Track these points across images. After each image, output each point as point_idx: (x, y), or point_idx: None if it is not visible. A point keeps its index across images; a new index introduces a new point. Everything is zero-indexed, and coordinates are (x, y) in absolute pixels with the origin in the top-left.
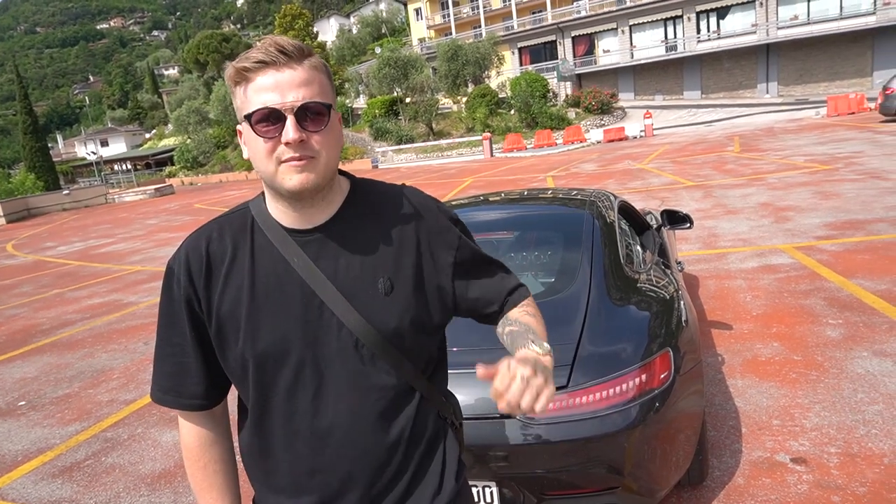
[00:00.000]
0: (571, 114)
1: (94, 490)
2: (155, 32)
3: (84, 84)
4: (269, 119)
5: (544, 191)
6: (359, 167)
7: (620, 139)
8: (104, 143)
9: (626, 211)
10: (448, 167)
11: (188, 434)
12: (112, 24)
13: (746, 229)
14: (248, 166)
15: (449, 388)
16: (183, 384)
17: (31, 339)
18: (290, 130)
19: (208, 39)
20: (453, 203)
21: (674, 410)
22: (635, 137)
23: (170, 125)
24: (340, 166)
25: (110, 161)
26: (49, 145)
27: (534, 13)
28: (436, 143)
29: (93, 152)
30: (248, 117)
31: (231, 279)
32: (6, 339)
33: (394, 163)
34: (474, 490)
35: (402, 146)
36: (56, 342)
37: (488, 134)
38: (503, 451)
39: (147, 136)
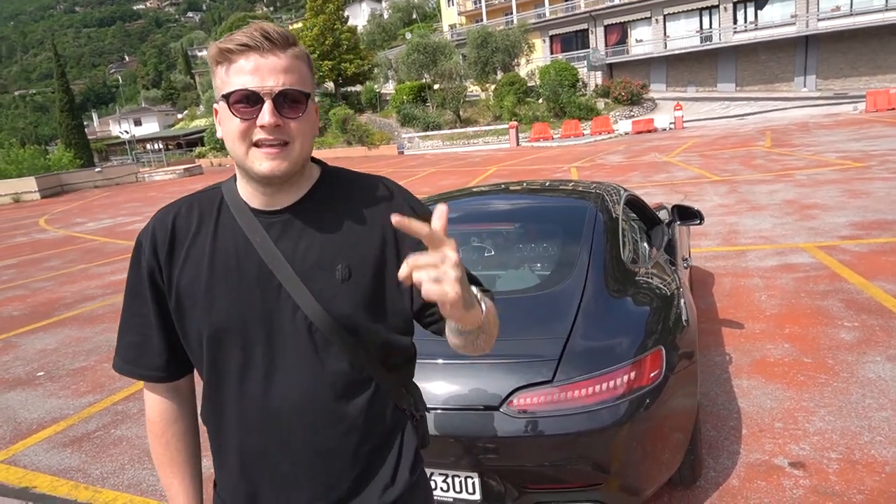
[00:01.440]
0: (600, 104)
1: (101, 460)
2: (189, 14)
3: (120, 63)
4: (247, 101)
5: (551, 182)
6: (385, 153)
7: (649, 131)
8: (137, 123)
9: (635, 205)
10: (473, 155)
11: (152, 408)
12: (148, 4)
13: (769, 227)
14: None
15: (438, 377)
16: (144, 355)
17: (54, 311)
18: (266, 114)
19: (241, 22)
20: (474, 190)
21: (663, 410)
22: (665, 129)
23: (201, 106)
24: (366, 152)
25: (143, 140)
26: (84, 123)
27: (566, 1)
28: (462, 130)
29: (126, 131)
30: (226, 97)
31: (192, 254)
32: (31, 311)
33: (420, 149)
34: (456, 480)
35: (428, 133)
36: (77, 316)
37: (515, 123)
38: (486, 443)
39: (179, 116)
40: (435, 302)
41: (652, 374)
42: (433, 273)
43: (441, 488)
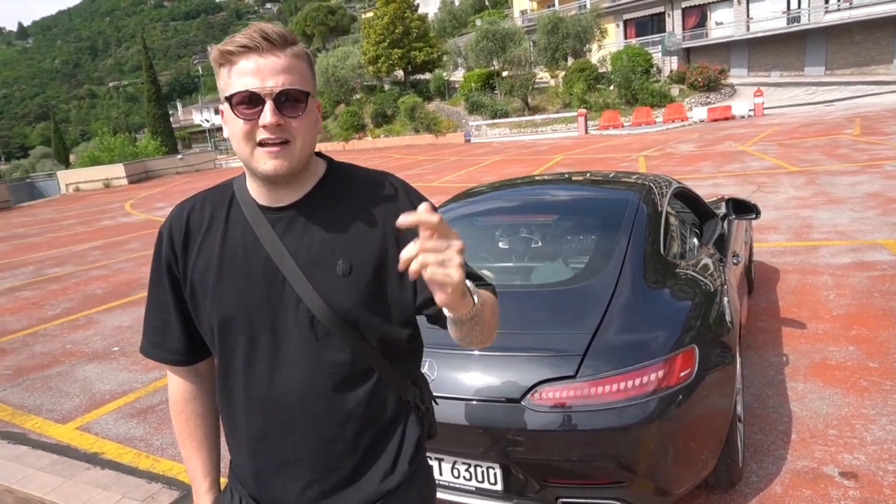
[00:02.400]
0: (675, 90)
1: (162, 432)
2: (268, 5)
3: (203, 55)
4: (249, 102)
5: (597, 173)
6: (452, 141)
7: (726, 118)
8: (217, 112)
9: (686, 198)
10: (540, 143)
11: (173, 387)
12: None
13: (846, 221)
14: (346, 136)
15: (463, 368)
16: (166, 340)
17: (132, 291)
18: (267, 114)
19: (315, 12)
20: (537, 178)
21: (694, 411)
22: (743, 117)
23: None
24: (433, 139)
25: (222, 129)
26: (170, 112)
27: None
28: (530, 118)
29: (206, 120)
30: (228, 99)
31: (204, 248)
32: (111, 290)
33: (487, 137)
34: (478, 470)
35: (496, 120)
36: None
37: (584, 110)
38: (507, 435)
39: None
40: (436, 287)
41: (682, 374)
42: (439, 256)
43: (464, 477)
